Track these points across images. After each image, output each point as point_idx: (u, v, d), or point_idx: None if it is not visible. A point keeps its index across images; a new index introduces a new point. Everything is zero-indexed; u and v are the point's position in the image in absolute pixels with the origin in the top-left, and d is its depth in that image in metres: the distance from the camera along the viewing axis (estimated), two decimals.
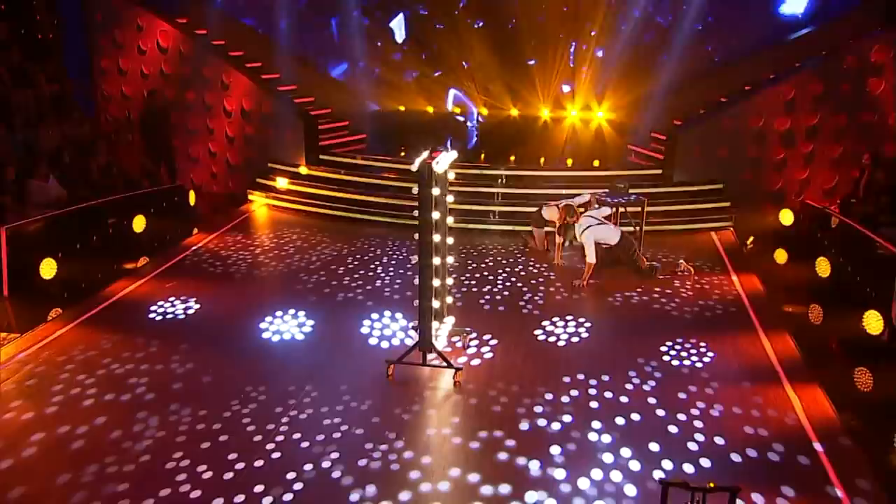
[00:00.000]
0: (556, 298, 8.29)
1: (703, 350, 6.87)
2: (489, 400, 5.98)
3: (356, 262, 9.36)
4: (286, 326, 7.36)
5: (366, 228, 10.92)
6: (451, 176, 6.53)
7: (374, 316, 7.62)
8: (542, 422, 5.65)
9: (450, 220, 6.55)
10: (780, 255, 10.05)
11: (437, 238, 6.18)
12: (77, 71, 13.15)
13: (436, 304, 6.33)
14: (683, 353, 6.81)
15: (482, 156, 12.93)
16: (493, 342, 7.06)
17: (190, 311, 7.75)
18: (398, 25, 14.68)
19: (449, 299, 6.80)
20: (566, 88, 14.38)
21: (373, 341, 7.08)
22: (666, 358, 6.73)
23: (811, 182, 11.72)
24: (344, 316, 7.67)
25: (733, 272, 9.11)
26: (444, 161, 6.18)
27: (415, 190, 6.06)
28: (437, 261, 6.22)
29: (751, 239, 10.67)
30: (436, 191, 6.04)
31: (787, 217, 10.75)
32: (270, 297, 8.22)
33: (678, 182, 11.52)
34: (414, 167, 5.97)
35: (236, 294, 8.32)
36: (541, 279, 8.87)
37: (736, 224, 11.03)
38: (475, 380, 6.32)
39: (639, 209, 9.51)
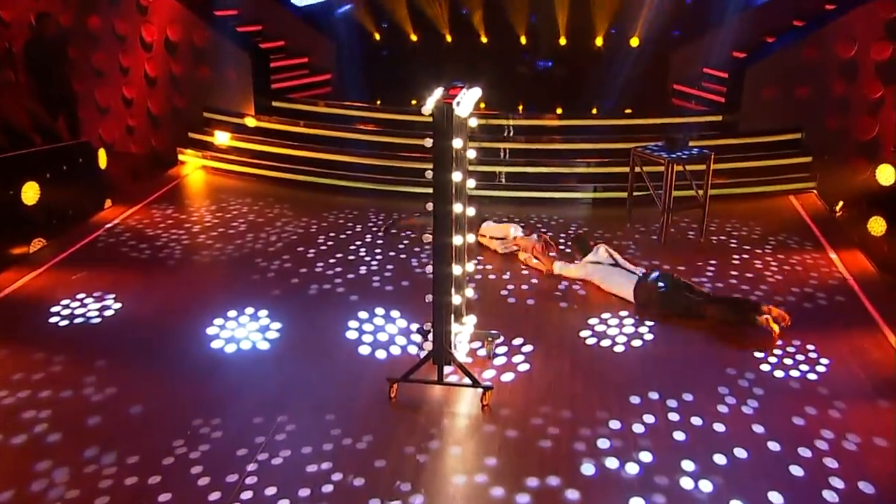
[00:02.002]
0: (599, 287, 7.66)
1: (812, 356, 6.29)
2: (534, 431, 5.34)
3: (330, 243, 8.68)
4: (243, 332, 6.65)
5: (338, 197, 10.30)
6: (474, 123, 5.82)
7: (363, 315, 6.95)
8: (612, 462, 5.02)
9: (471, 184, 5.86)
10: (877, 225, 9.56)
11: (457, 209, 5.48)
12: None
13: (454, 299, 5.66)
14: (788, 361, 6.22)
15: (482, 104, 12.22)
16: (528, 349, 6.42)
17: (108, 313, 7.00)
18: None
19: (469, 292, 6.12)
20: None
21: (364, 350, 6.42)
22: (765, 367, 6.14)
23: None
24: (321, 316, 7.02)
25: (830, 248, 8.57)
26: (468, 101, 5.45)
27: (427, 142, 5.33)
28: (457, 240, 5.54)
29: (840, 204, 10.16)
30: (457, 143, 5.33)
31: (886, 175, 10.25)
32: (219, 291, 7.52)
33: (744, 132, 10.91)
34: (426, 109, 5.24)
35: (171, 288, 7.61)
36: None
37: (820, 184, 10.51)
38: (510, 402, 5.68)
39: (703, 167, 8.86)
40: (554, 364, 6.24)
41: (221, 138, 11.54)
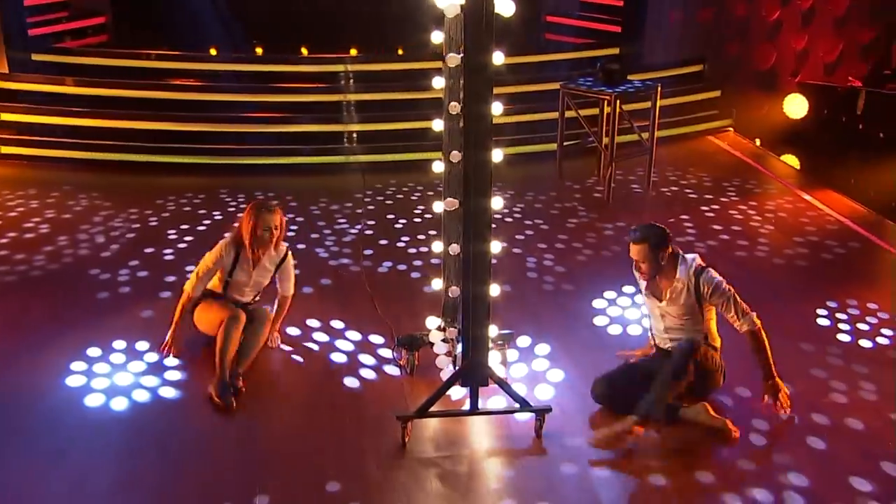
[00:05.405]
0: (577, 259, 6.87)
1: (883, 316, 5.84)
2: (630, 464, 4.33)
3: (189, 238, 7.15)
4: (126, 377, 4.99)
5: (164, 178, 8.66)
6: None
7: (293, 331, 5.62)
8: (763, 496, 4.08)
9: None
10: (792, 163, 9.45)
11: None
12: None
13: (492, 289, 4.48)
14: (862, 326, 5.70)
15: (304, 49, 11.03)
16: (543, 349, 5.38)
17: None
18: None
19: None
20: None
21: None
22: (843, 338, 5.58)
23: (810, 54, 11.30)
24: None
25: (799, 189, 8.36)
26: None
27: (453, 59, 4.10)
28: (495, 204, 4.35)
29: (758, 142, 10.07)
30: (498, 57, 4.14)
31: (796, 105, 10.16)
32: (56, 322, 5.71)
33: (648, 65, 10.49)
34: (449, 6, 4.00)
35: None
36: (539, 219, 7.30)
37: (736, 122, 10.36)
38: (568, 427, 4.61)
39: (647, 105, 8.20)
40: (587, 363, 5.23)
41: None
